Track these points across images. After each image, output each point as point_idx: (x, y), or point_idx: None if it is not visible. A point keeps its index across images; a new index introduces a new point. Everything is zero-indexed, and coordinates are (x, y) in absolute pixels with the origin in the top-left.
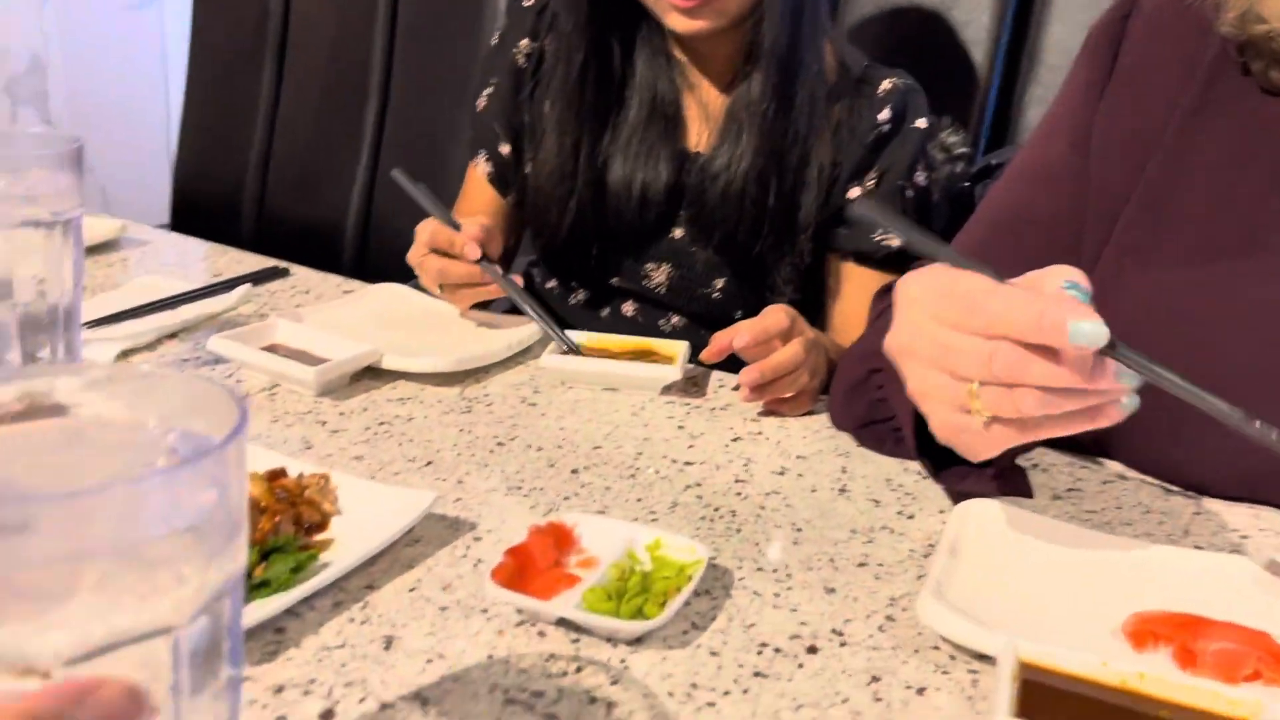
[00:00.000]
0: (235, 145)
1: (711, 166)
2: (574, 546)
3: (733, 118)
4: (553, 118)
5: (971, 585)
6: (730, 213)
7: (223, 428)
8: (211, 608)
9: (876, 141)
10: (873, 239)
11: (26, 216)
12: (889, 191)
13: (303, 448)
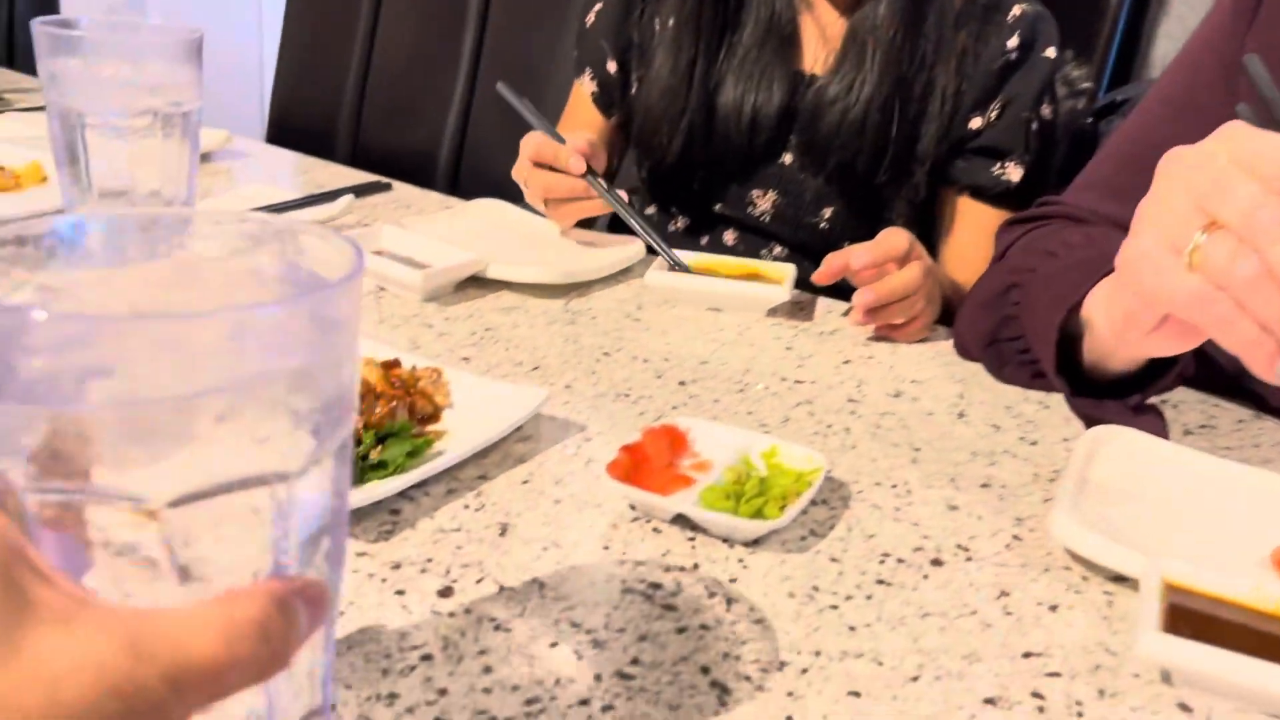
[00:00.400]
0: (332, 68)
1: (828, 91)
2: (687, 450)
3: (854, 40)
4: (667, 35)
5: (1105, 509)
6: (848, 141)
7: (338, 273)
8: (322, 462)
9: (1003, 70)
10: (991, 173)
11: (146, 106)
12: (1013, 122)
13: (411, 348)
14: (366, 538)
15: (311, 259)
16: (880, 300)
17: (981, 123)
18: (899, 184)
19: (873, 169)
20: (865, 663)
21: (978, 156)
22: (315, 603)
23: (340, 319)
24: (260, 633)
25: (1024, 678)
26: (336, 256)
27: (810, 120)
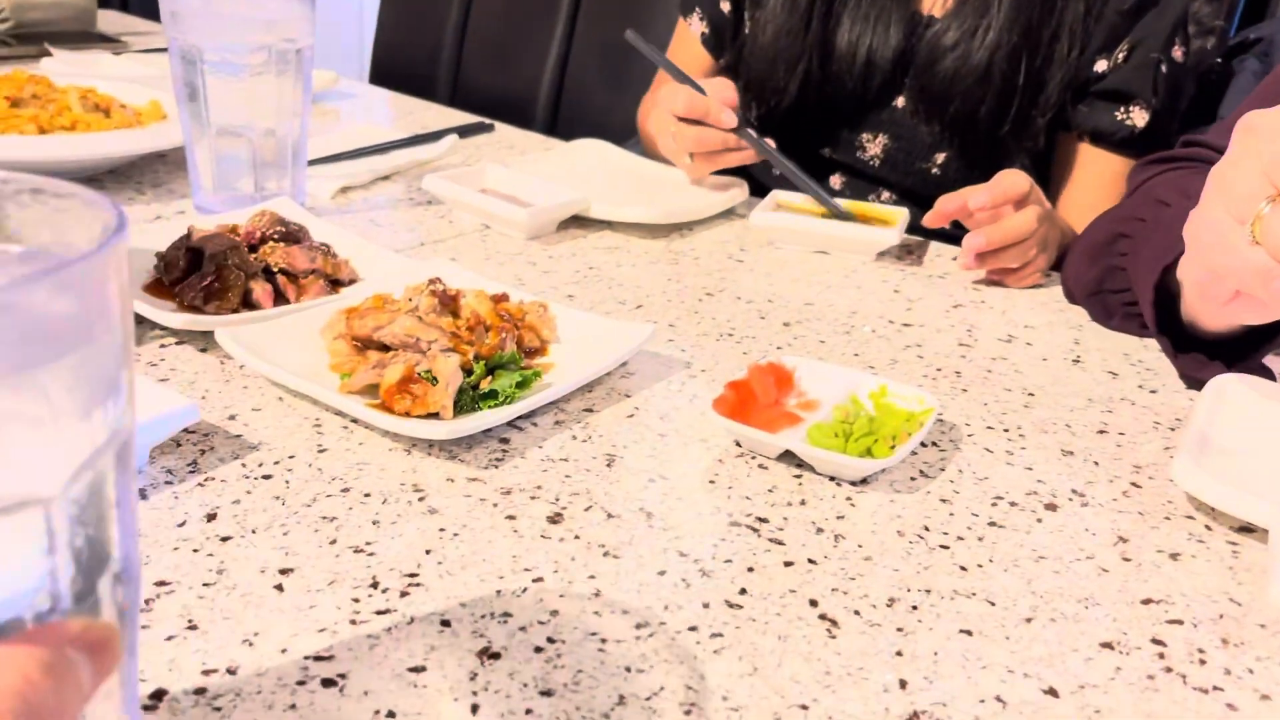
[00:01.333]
0: (433, 12)
1: (946, 36)
2: (794, 388)
3: None
4: None
5: (1231, 459)
6: (969, 89)
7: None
8: (95, 475)
9: (1135, 9)
10: (1114, 118)
11: (262, 41)
12: (1141, 65)
13: (516, 284)
14: (478, 464)
15: (57, 228)
16: (991, 245)
17: (1107, 65)
18: (1020, 132)
19: (994, 118)
20: (977, 602)
21: (1101, 100)
22: (100, 649)
23: (95, 297)
24: (21, 706)
25: (1143, 624)
26: (88, 224)
27: (927, 65)
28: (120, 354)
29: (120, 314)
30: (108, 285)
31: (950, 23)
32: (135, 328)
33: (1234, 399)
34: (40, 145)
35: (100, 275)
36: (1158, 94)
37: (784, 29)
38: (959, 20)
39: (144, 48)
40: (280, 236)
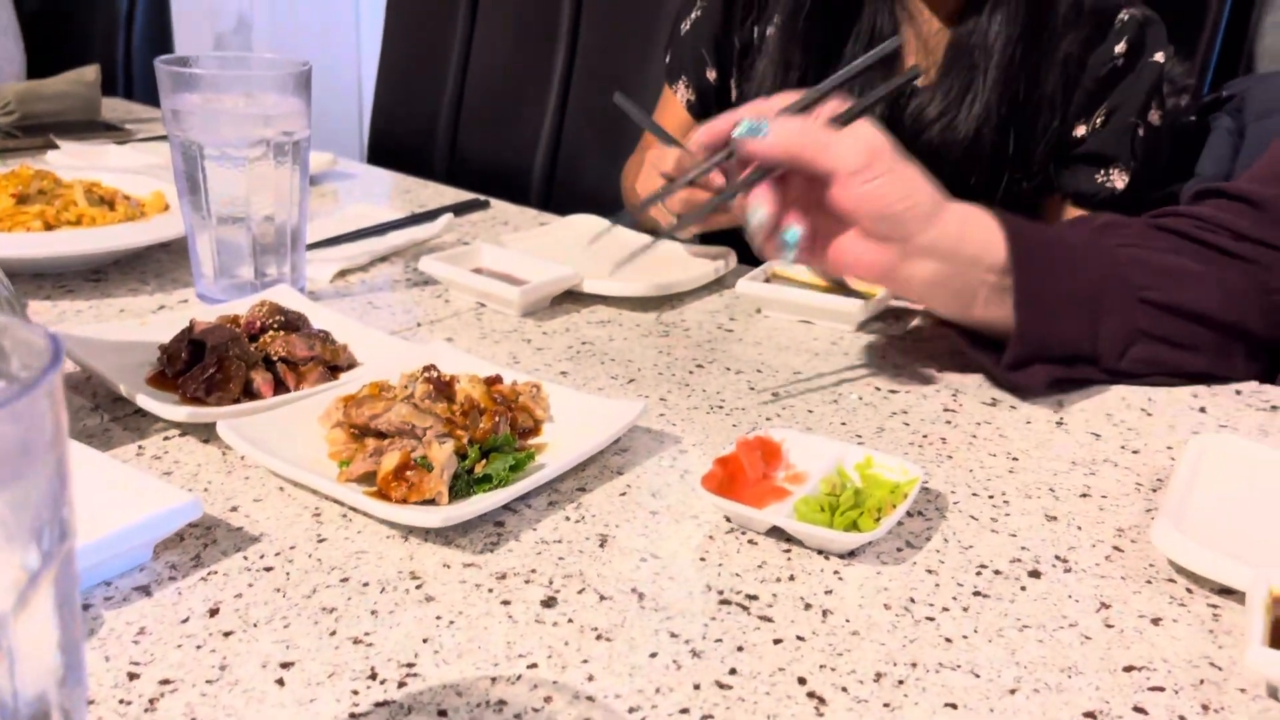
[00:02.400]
0: (429, 88)
1: (930, 107)
2: (781, 461)
3: (959, 54)
4: (772, 48)
5: (1210, 519)
6: (960, 160)
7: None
8: (36, 595)
9: (1109, 76)
10: (1095, 180)
11: (260, 136)
12: (1118, 129)
13: (510, 362)
14: (473, 549)
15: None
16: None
17: (1086, 130)
18: (1008, 197)
19: (982, 185)
20: (962, 675)
21: (1081, 164)
22: None
23: (31, 432)
24: None
25: (1125, 692)
26: (29, 354)
27: (912, 136)
28: (60, 479)
29: (57, 441)
30: (44, 417)
31: (935, 94)
32: (139, 421)
33: (1214, 459)
34: (47, 242)
35: (38, 408)
36: (1136, 157)
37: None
38: (944, 90)
39: (147, 135)
40: (280, 325)
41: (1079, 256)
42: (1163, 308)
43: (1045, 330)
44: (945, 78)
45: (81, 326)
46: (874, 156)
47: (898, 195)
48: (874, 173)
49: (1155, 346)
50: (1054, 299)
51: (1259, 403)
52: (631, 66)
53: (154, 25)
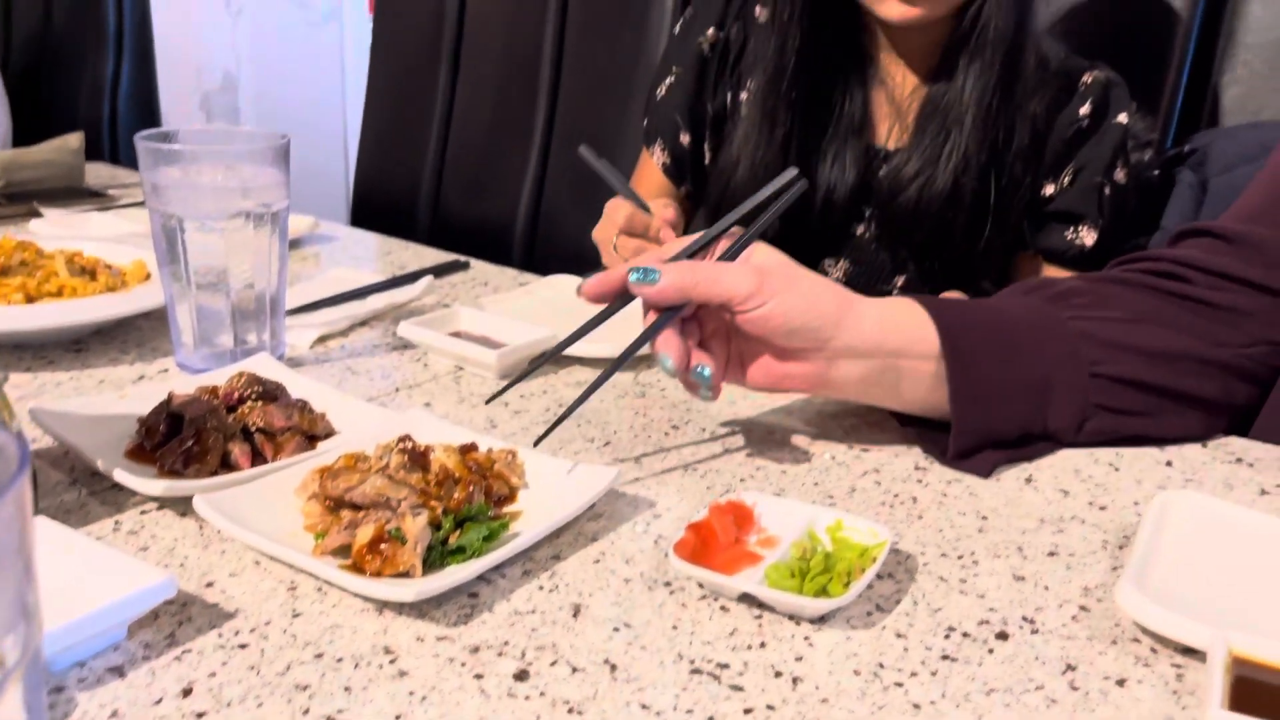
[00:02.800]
0: (412, 147)
1: (907, 168)
2: (754, 525)
3: (933, 114)
4: (759, 110)
5: (1173, 578)
6: (933, 219)
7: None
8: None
9: (1075, 137)
10: (1064, 237)
11: (240, 208)
12: (1086, 188)
13: (488, 427)
14: (446, 621)
15: None
16: None
17: (1054, 189)
18: (982, 255)
19: (958, 245)
20: None
21: (1051, 221)
22: None
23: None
24: None
25: None
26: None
27: (888, 197)
28: (25, 582)
29: (23, 544)
30: (11, 523)
31: (910, 154)
32: (117, 495)
33: (1177, 516)
34: (28, 315)
35: (4, 514)
36: (1104, 214)
37: (761, 163)
38: (919, 150)
39: (130, 201)
40: (258, 396)
41: (1024, 338)
42: (1116, 380)
43: (987, 420)
44: (920, 137)
45: (61, 399)
46: (764, 277)
47: (799, 309)
48: (768, 294)
49: (1112, 418)
50: (994, 388)
51: (1225, 456)
52: (610, 124)
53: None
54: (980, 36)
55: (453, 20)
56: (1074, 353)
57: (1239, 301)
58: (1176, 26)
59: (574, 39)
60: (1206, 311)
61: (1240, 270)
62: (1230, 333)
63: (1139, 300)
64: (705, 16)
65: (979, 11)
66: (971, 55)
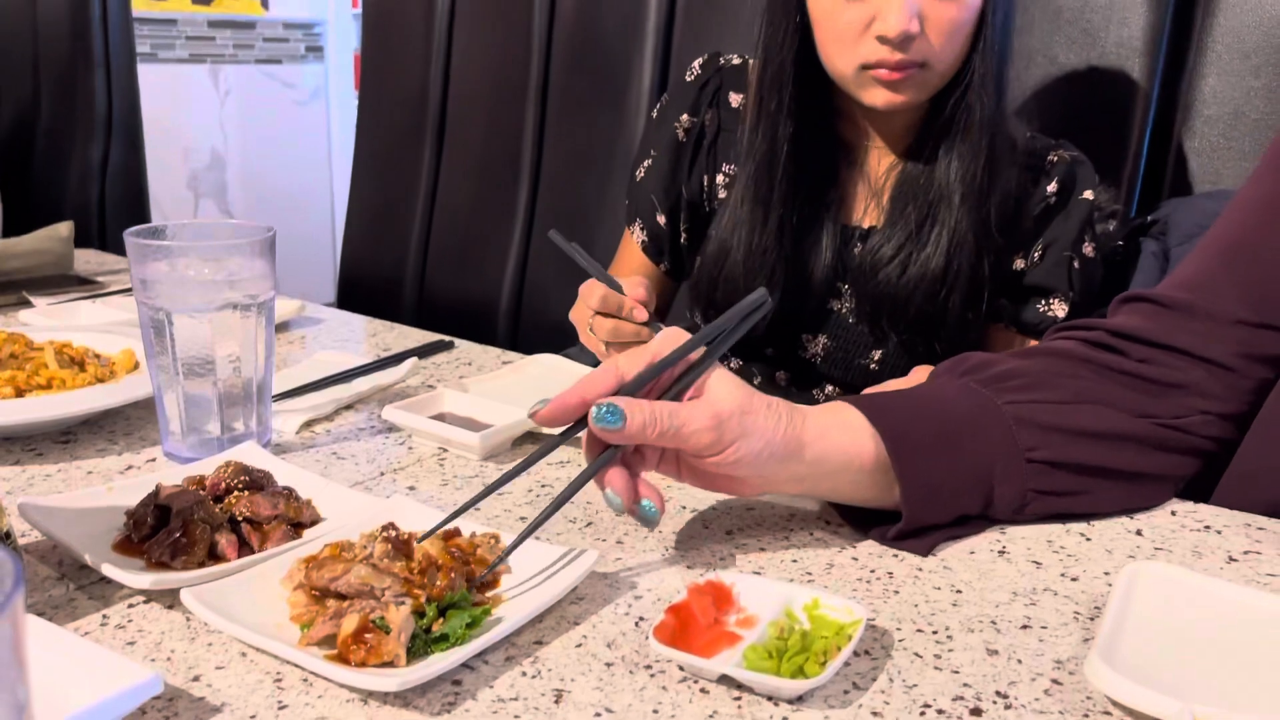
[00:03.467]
0: (398, 226)
1: (886, 247)
2: (733, 605)
3: (911, 195)
4: (754, 198)
5: (1142, 649)
6: (910, 298)
7: None
8: None
9: (1043, 213)
10: (1038, 309)
11: (227, 300)
12: (1055, 263)
13: (471, 510)
14: (430, 710)
15: None
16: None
17: (1025, 264)
18: (960, 326)
19: (935, 322)
20: None
21: (1023, 294)
22: None
23: None
24: None
25: None
26: None
27: (866, 275)
28: (18, 687)
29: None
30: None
31: (889, 234)
32: (104, 588)
33: (1146, 587)
34: (17, 408)
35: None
36: (1074, 287)
37: (757, 249)
38: (898, 228)
39: (119, 287)
40: (245, 485)
41: (964, 429)
42: (1052, 464)
43: (933, 513)
44: (897, 216)
45: (50, 494)
46: (722, 428)
47: (753, 453)
48: (725, 442)
49: (1049, 500)
50: (940, 482)
51: (1193, 523)
52: (590, 202)
53: (129, 168)
54: (967, 119)
55: (436, 101)
56: (1012, 439)
57: (1174, 374)
58: (1136, 100)
59: (554, 120)
60: (1141, 385)
61: (1175, 341)
62: (1166, 405)
63: (1074, 378)
64: (680, 102)
65: (964, 95)
66: (957, 137)
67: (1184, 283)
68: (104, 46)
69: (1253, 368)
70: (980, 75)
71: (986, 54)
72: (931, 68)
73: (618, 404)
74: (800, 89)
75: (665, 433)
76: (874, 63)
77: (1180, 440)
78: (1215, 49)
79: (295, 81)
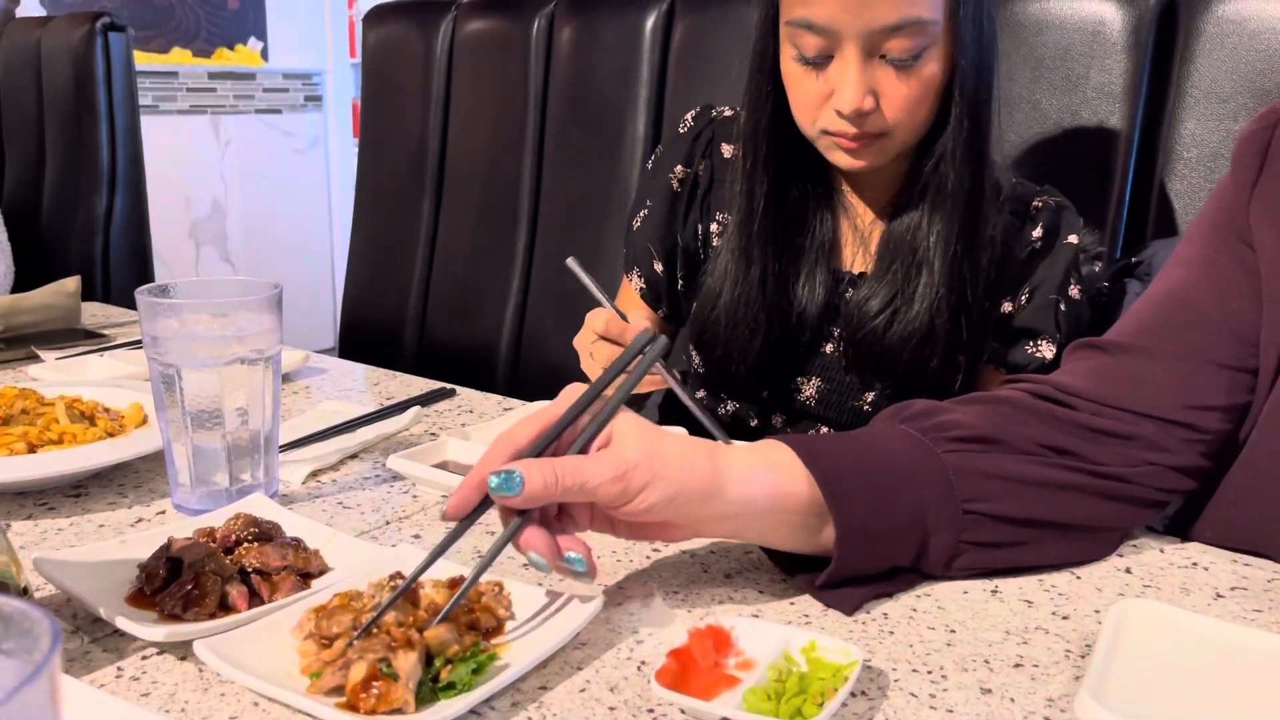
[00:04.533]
0: (398, 274)
1: (874, 301)
2: (732, 648)
3: (896, 250)
4: (736, 248)
5: (1131, 686)
6: (900, 350)
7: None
8: None
9: (1029, 258)
10: (1025, 351)
11: (235, 354)
12: (1042, 305)
13: (475, 555)
14: None
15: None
16: None
17: (1012, 307)
18: (943, 373)
19: (923, 368)
20: None
21: (1011, 337)
22: None
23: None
24: None
25: None
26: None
27: (857, 327)
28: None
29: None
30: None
31: (876, 287)
32: (118, 640)
33: (1134, 625)
34: (30, 464)
35: (40, 690)
36: (1061, 329)
37: (741, 298)
38: (886, 284)
39: (126, 340)
40: (254, 537)
41: (902, 479)
42: (990, 516)
43: (865, 561)
44: (885, 271)
45: (62, 548)
46: (627, 478)
47: (666, 496)
48: (634, 490)
49: (980, 553)
50: (875, 531)
51: (1181, 560)
52: (587, 249)
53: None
54: (940, 189)
55: (435, 150)
56: (949, 490)
57: (1123, 427)
58: (1118, 144)
59: (551, 169)
60: (1088, 435)
61: (1123, 401)
62: (1111, 454)
63: (1021, 425)
64: (674, 153)
65: (937, 166)
66: (932, 205)
67: (1133, 329)
68: (107, 100)
69: (1205, 417)
70: (951, 149)
71: (957, 127)
72: (891, 137)
73: (514, 468)
74: (778, 145)
75: (570, 489)
76: (833, 131)
77: (1126, 490)
78: (1193, 94)
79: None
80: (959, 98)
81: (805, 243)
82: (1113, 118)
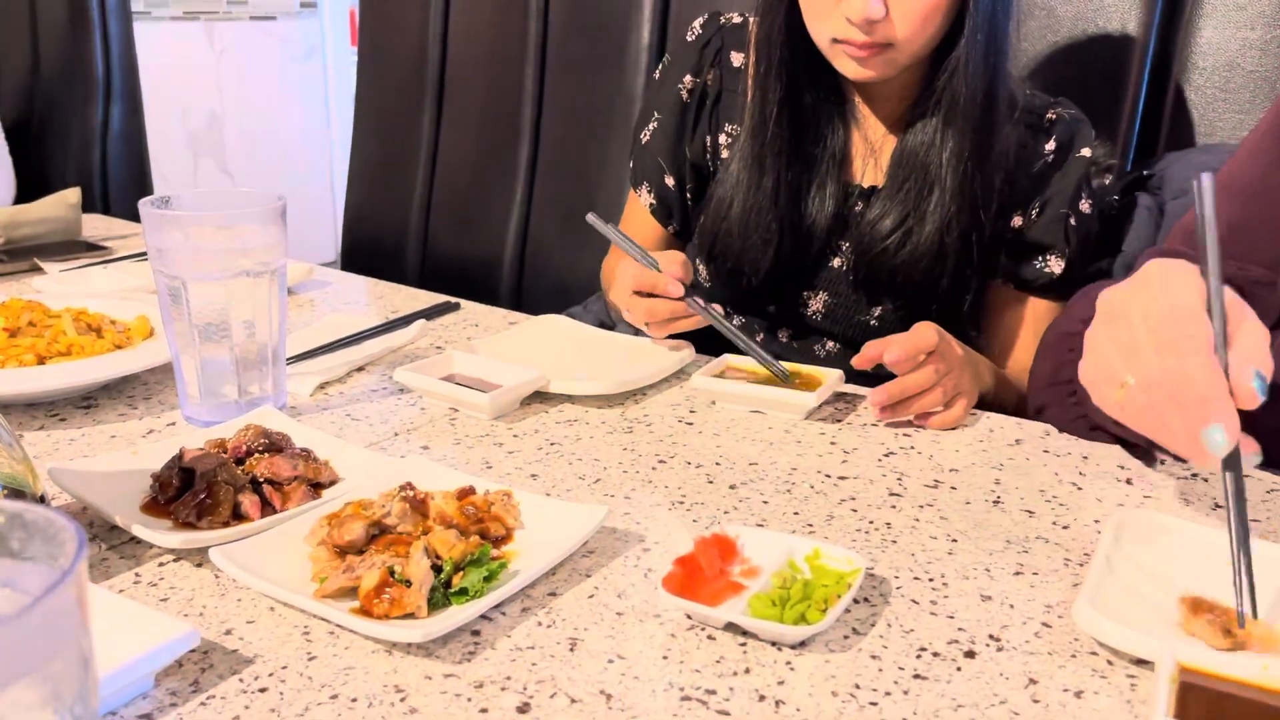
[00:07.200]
0: (400, 189)
1: (887, 220)
2: (737, 557)
3: (908, 166)
4: (747, 159)
5: (1128, 592)
6: (911, 266)
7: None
8: None
9: (1041, 171)
10: (1034, 266)
11: (241, 267)
12: (1052, 220)
13: (483, 467)
14: (452, 659)
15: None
16: (893, 398)
17: (1022, 221)
18: (954, 289)
19: (934, 287)
20: None
21: (1021, 251)
22: None
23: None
24: None
25: None
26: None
27: (869, 246)
28: (83, 640)
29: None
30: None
31: (889, 204)
32: (135, 548)
33: (1132, 532)
34: (40, 376)
35: (68, 595)
36: (1070, 244)
37: (753, 207)
38: (898, 200)
39: (128, 253)
40: (264, 448)
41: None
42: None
43: None
44: (897, 190)
45: (75, 458)
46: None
47: None
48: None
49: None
50: None
51: (1181, 470)
52: (591, 161)
53: (129, 131)
54: (953, 103)
55: (435, 61)
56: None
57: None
58: (1133, 52)
59: (554, 78)
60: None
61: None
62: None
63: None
64: (682, 63)
65: (950, 79)
66: (945, 120)
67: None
68: (100, 6)
69: None
70: (965, 61)
71: (971, 40)
72: (899, 48)
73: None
74: (791, 52)
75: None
76: (842, 39)
77: None
78: (1211, 1)
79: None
80: (974, 9)
81: (817, 152)
82: (1128, 25)
